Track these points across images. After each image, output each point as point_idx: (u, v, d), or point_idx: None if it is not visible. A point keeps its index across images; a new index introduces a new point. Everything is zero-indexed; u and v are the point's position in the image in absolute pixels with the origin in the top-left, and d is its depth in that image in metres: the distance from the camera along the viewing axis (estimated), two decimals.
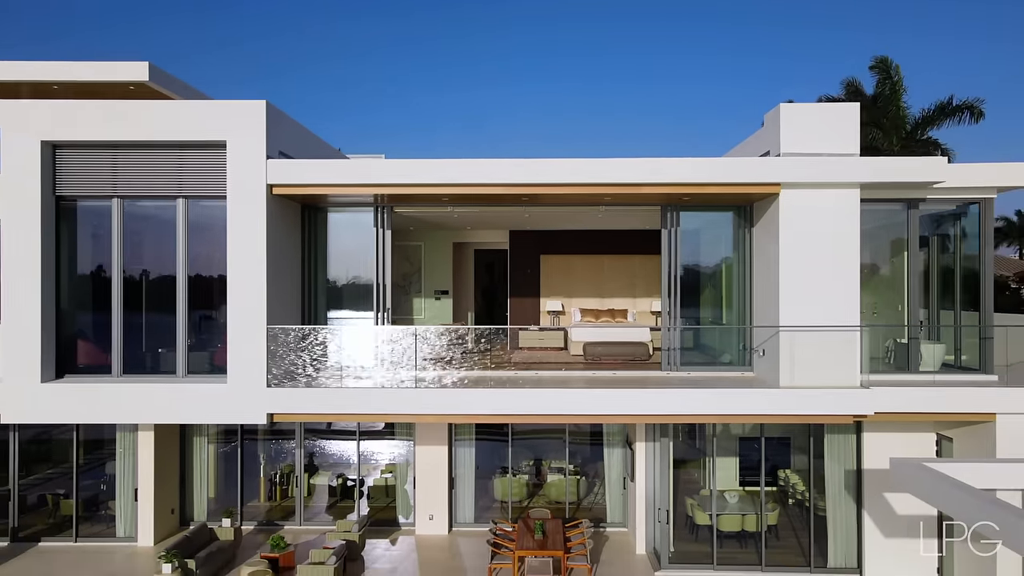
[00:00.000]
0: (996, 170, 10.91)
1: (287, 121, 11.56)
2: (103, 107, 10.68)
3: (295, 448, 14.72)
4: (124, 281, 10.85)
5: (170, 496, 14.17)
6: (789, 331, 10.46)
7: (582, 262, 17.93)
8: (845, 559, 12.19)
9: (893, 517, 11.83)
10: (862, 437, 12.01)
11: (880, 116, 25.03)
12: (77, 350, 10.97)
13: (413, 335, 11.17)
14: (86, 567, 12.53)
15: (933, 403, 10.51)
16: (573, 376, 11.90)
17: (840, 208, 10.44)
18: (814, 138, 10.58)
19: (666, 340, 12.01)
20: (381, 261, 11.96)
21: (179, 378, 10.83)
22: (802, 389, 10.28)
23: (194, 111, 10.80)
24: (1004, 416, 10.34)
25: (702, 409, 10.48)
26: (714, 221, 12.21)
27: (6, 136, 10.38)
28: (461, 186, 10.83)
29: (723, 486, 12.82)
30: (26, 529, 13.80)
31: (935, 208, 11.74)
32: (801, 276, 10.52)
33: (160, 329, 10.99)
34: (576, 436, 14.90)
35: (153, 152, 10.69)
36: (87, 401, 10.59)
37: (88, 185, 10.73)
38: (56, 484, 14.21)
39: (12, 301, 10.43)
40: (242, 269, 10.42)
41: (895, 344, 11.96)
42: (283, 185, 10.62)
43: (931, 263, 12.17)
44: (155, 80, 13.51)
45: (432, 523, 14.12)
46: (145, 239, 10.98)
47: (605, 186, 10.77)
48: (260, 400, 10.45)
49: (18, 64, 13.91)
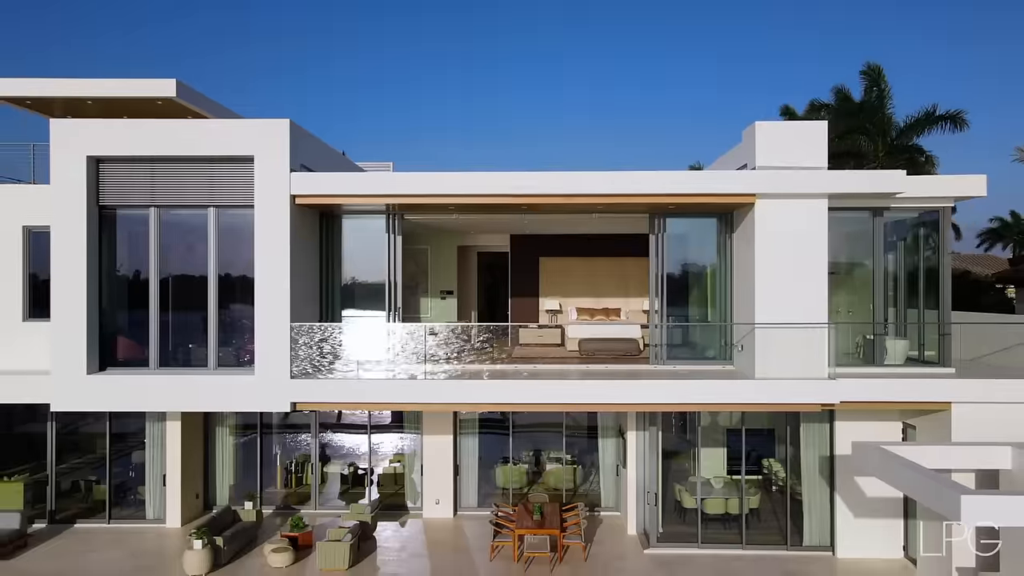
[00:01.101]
0: (949, 182, 11.99)
1: (307, 137, 12.64)
2: (142, 125, 11.75)
3: (310, 438, 15.81)
4: (160, 282, 11.95)
5: (195, 482, 15.25)
6: (763, 328, 11.52)
7: (578, 264, 19.00)
8: (819, 538, 13.25)
9: (863, 499, 12.89)
10: (834, 426, 13.07)
11: (867, 122, 26.06)
12: (117, 345, 12.07)
13: (424, 332, 12.26)
14: (120, 545, 13.61)
15: (895, 393, 11.58)
16: (569, 369, 12.95)
17: (809, 216, 11.51)
18: (786, 153, 11.65)
19: (654, 337, 13.07)
20: (392, 264, 13.03)
21: (210, 370, 11.92)
22: (775, 380, 11.34)
23: (224, 129, 11.89)
24: (959, 405, 11.40)
25: (686, 399, 11.55)
26: (698, 227, 13.26)
27: (55, 152, 11.46)
28: (465, 196, 11.91)
29: (710, 474, 13.88)
30: (62, 512, 14.89)
31: (899, 216, 12.79)
32: (774, 278, 11.58)
33: (192, 326, 12.09)
34: (572, 429, 15.97)
35: (187, 165, 11.76)
36: (128, 391, 11.71)
37: (128, 196, 11.83)
38: (88, 472, 15.32)
39: (60, 301, 11.54)
40: (268, 272, 11.51)
41: (864, 340, 13.01)
42: (305, 196, 11.71)
43: (898, 266, 13.23)
44: (182, 96, 14.69)
45: (438, 507, 15.19)
46: (179, 244, 12.06)
47: (596, 196, 11.85)
48: (284, 390, 11.54)
49: (52, 81, 15.09)
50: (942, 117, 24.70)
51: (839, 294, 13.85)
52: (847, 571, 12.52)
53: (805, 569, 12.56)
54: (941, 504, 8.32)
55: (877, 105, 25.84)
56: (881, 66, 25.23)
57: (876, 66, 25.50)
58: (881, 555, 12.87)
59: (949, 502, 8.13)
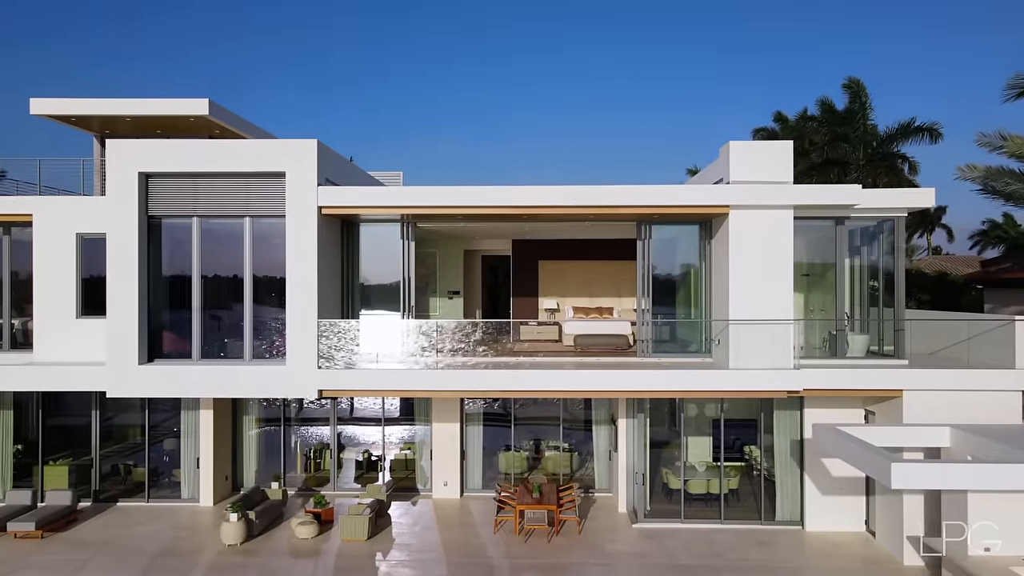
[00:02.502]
0: (901, 195, 13.50)
1: (331, 153, 14.13)
2: (187, 145, 13.28)
3: (328, 429, 17.31)
4: (201, 283, 13.45)
5: (224, 465, 16.75)
6: (736, 324, 13.00)
7: (575, 267, 20.51)
8: (790, 513, 14.71)
9: (829, 478, 14.34)
10: (804, 413, 14.52)
11: (849, 132, 27.54)
12: (163, 340, 13.58)
13: (435, 328, 13.76)
14: (160, 520, 15.11)
15: (852, 382, 13.05)
16: (565, 361, 14.42)
17: (776, 224, 13.00)
18: (756, 169, 13.14)
19: (642, 332, 14.55)
20: (406, 266, 14.51)
21: (246, 362, 13.42)
22: (746, 370, 12.82)
23: (259, 148, 13.40)
24: (909, 392, 12.86)
25: (667, 386, 13.04)
26: (680, 233, 14.74)
27: (111, 168, 12.97)
28: (472, 207, 13.41)
29: (695, 460, 15.34)
30: (104, 492, 16.40)
31: (859, 223, 14.27)
32: (746, 279, 13.06)
33: (229, 322, 13.59)
34: (569, 422, 17.44)
35: (225, 180, 13.26)
36: (173, 380, 13.22)
37: (173, 207, 13.33)
38: (126, 457, 16.84)
39: (115, 300, 13.05)
40: (298, 275, 13.01)
41: (830, 335, 14.49)
42: (331, 207, 13.20)
43: (860, 268, 14.70)
44: (214, 114, 16.25)
45: (446, 489, 16.67)
46: (218, 249, 13.54)
47: (589, 207, 13.34)
48: (312, 379, 13.03)
49: (93, 101, 16.69)
50: (919, 129, 26.19)
51: (813, 293, 15.37)
52: (814, 543, 13.96)
53: (776, 540, 14.01)
54: (876, 471, 9.80)
55: (859, 116, 27.31)
56: (861, 80, 26.73)
57: (856, 80, 26.99)
58: (845, 528, 14.32)
59: (882, 469, 9.61)
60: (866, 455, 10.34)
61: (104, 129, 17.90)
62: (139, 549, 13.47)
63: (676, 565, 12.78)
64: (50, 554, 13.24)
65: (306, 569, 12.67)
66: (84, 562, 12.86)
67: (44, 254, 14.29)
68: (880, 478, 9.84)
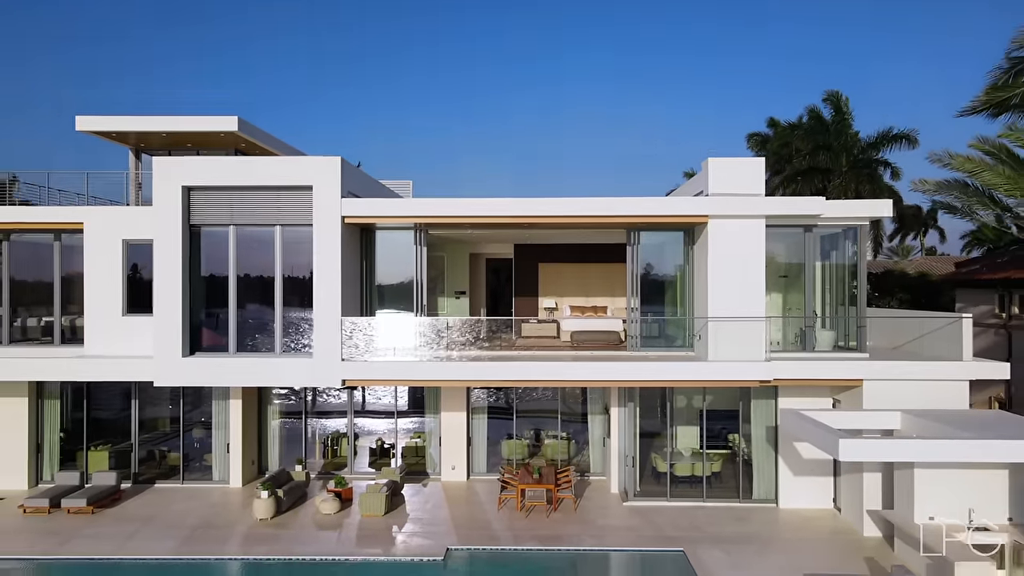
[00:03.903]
0: (861, 205, 15.07)
1: (352, 168, 15.72)
2: (224, 162, 14.87)
3: (344, 419, 18.89)
4: (237, 284, 15.04)
5: (251, 450, 18.33)
6: (714, 321, 14.57)
7: (572, 269, 22.12)
8: (766, 493, 16.27)
9: (800, 461, 15.90)
10: (778, 402, 16.07)
11: (832, 140, 29.12)
12: (203, 335, 15.18)
13: (445, 325, 15.35)
14: (195, 499, 16.70)
15: (818, 372, 14.62)
16: (563, 355, 15.99)
17: (750, 232, 14.58)
18: (732, 183, 14.72)
19: (631, 329, 16.13)
20: (419, 270, 16.09)
21: (276, 355, 15.01)
22: (723, 362, 14.39)
23: (289, 165, 15.00)
24: (868, 382, 14.44)
25: (653, 377, 14.60)
26: (666, 240, 16.32)
27: (157, 183, 14.57)
28: (479, 217, 15.00)
29: (683, 447, 16.88)
30: (142, 475, 17.99)
31: (826, 231, 15.85)
32: (723, 281, 14.64)
33: (262, 320, 15.18)
34: (567, 415, 19.00)
35: (259, 193, 14.85)
36: (213, 370, 14.82)
37: (212, 216, 14.93)
38: (160, 443, 18.44)
39: (160, 300, 14.65)
40: (324, 277, 14.59)
41: (801, 331, 16.06)
42: (352, 216, 14.79)
43: (829, 271, 16.27)
44: (243, 130, 17.86)
45: (454, 472, 18.24)
46: (251, 254, 15.13)
47: (583, 217, 14.93)
48: (336, 370, 14.62)
49: (132, 118, 18.32)
50: (897, 136, 27.78)
51: (790, 293, 16.93)
52: (786, 518, 15.51)
53: (752, 516, 15.57)
54: (827, 446, 11.37)
55: (841, 126, 28.90)
56: (840, 92, 28.37)
57: (836, 92, 28.61)
58: (815, 505, 15.87)
59: (832, 444, 11.18)
60: (820, 434, 11.92)
61: (139, 143, 19.54)
62: (180, 522, 15.05)
63: (661, 536, 14.34)
64: (101, 527, 14.83)
65: (331, 538, 14.25)
66: (132, 533, 14.44)
67: (94, 258, 15.88)
68: (830, 452, 11.42)
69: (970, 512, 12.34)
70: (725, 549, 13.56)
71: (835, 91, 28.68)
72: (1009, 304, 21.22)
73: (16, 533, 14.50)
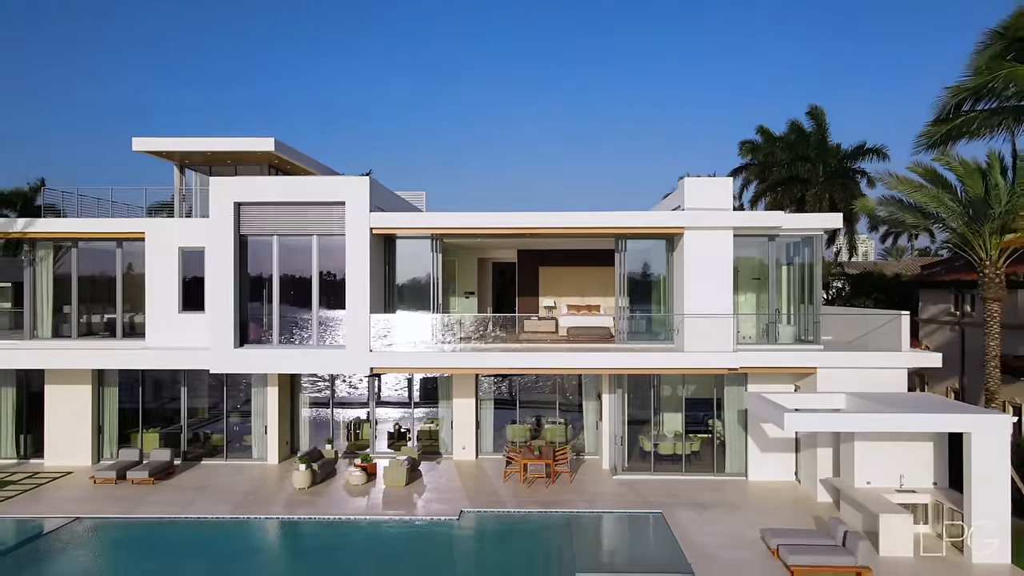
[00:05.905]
0: (815, 218, 17.51)
1: (379, 186, 18.18)
2: (270, 181, 17.34)
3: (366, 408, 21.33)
4: (279, 286, 17.49)
5: (285, 432, 20.75)
6: (689, 318, 16.99)
7: (569, 272, 24.61)
8: (737, 467, 18.66)
9: (766, 439, 18.30)
10: (748, 388, 18.47)
11: (811, 152, 31.54)
12: (250, 329, 17.63)
13: (458, 321, 17.79)
14: (238, 474, 19.12)
15: (778, 361, 17.03)
16: (560, 347, 18.41)
17: (720, 242, 17.01)
18: (705, 199, 17.16)
19: (620, 325, 18.55)
20: (436, 273, 18.52)
21: (313, 347, 17.47)
22: (696, 353, 16.81)
23: (325, 183, 17.47)
24: (822, 370, 16.85)
25: (637, 365, 17.04)
26: (650, 247, 18.76)
27: (213, 199, 17.02)
28: (488, 228, 17.45)
29: (667, 431, 19.26)
30: (190, 454, 20.44)
31: (788, 240, 18.27)
32: (697, 283, 17.07)
33: (301, 316, 17.63)
34: (564, 404, 21.39)
35: (299, 207, 17.30)
36: (259, 360, 17.29)
37: (258, 227, 17.38)
38: (204, 427, 20.88)
39: (214, 299, 17.11)
40: (354, 280, 17.04)
41: (766, 327, 18.47)
42: (379, 227, 17.25)
43: (792, 275, 18.68)
44: (279, 150, 20.32)
45: (464, 452, 20.65)
46: (292, 259, 17.58)
47: (577, 228, 17.39)
48: (365, 359, 17.07)
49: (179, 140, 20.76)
50: (869, 150, 30.21)
51: (761, 294, 19.33)
52: (754, 489, 17.90)
53: (724, 487, 17.96)
54: (777, 420, 13.80)
55: (820, 139, 31.31)
56: (822, 107, 30.82)
57: (817, 107, 31.05)
58: (779, 478, 18.26)
59: (779, 418, 13.61)
60: (773, 411, 14.35)
61: (183, 160, 21.99)
62: (230, 491, 17.49)
63: (644, 501, 16.74)
64: (162, 494, 17.27)
65: (361, 503, 16.68)
66: (191, 500, 16.87)
67: (154, 263, 18.34)
68: (778, 424, 13.85)
69: (900, 477, 14.78)
70: (698, 511, 15.95)
71: (818, 106, 31.14)
72: (962, 303, 23.64)
73: (91, 500, 16.93)
